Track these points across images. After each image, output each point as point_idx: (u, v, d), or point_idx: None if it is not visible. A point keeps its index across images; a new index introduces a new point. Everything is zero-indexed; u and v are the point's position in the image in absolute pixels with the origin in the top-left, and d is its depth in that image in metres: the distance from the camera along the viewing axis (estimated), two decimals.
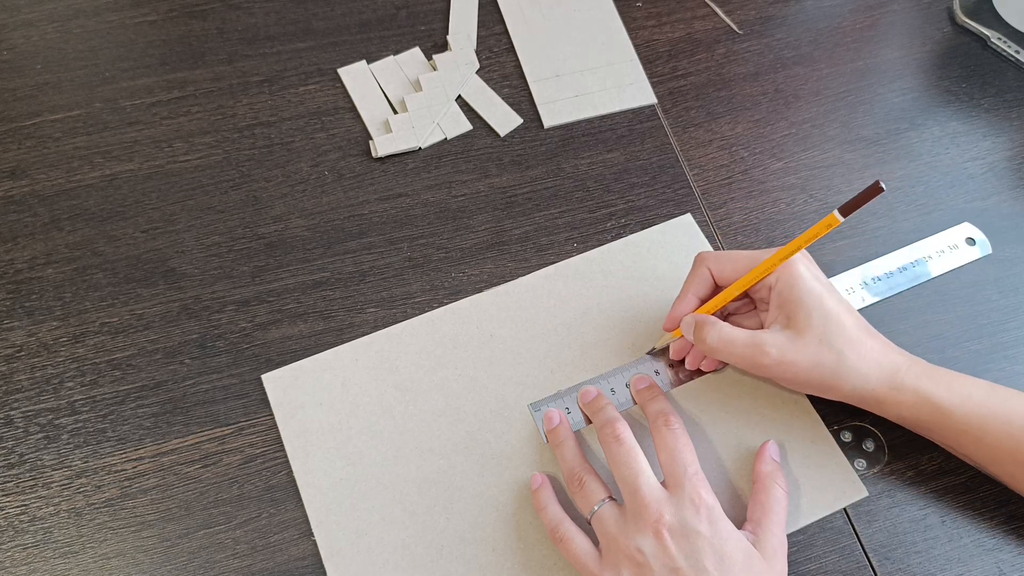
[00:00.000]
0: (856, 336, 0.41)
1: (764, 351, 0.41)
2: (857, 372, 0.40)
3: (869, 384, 0.41)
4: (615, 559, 0.38)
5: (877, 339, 0.42)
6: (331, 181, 0.54)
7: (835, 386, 0.41)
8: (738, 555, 0.37)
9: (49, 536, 0.42)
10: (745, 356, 0.41)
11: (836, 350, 0.40)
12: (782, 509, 0.41)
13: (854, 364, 0.40)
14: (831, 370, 0.40)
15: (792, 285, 0.41)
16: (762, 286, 0.43)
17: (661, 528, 0.37)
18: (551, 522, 0.41)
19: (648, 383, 0.45)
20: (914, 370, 0.41)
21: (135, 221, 0.52)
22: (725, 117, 0.57)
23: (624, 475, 0.40)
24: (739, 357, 0.41)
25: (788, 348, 0.40)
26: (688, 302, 0.44)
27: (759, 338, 0.41)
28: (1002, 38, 0.60)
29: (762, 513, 0.40)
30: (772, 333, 0.41)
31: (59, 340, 0.48)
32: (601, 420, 0.43)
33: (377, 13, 0.61)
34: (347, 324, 0.48)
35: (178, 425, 0.45)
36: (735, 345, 0.41)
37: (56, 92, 0.56)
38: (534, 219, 0.53)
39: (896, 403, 0.41)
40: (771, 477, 0.42)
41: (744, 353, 0.41)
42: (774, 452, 0.43)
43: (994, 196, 0.54)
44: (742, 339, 0.41)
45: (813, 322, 0.40)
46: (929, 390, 0.41)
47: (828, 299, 0.41)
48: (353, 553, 0.42)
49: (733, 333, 0.41)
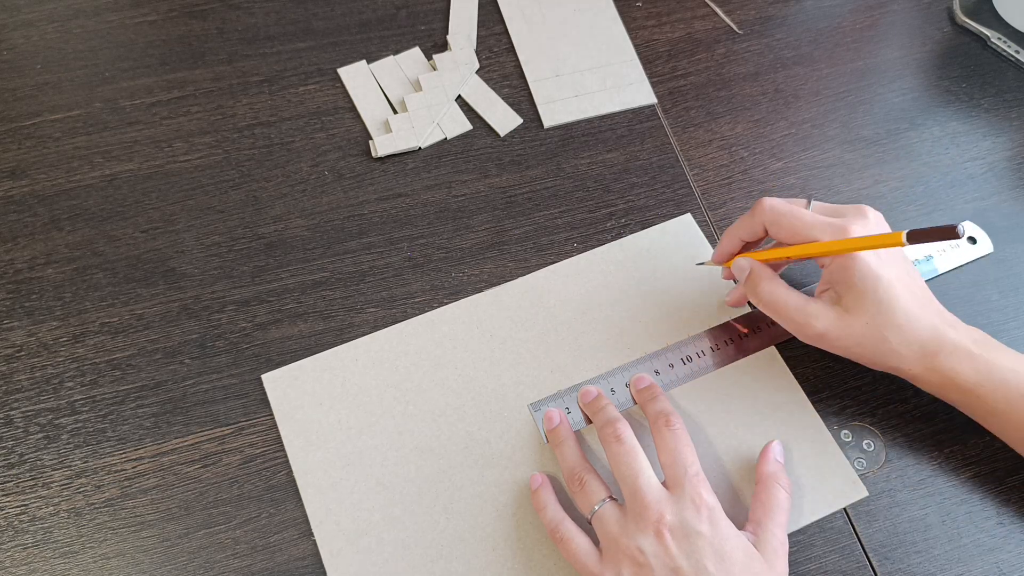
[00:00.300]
0: (904, 321, 0.40)
1: (811, 323, 0.41)
2: (896, 354, 0.41)
3: (905, 363, 0.41)
4: (616, 559, 0.38)
5: (929, 315, 0.41)
6: (331, 181, 0.54)
7: (873, 361, 0.42)
8: (739, 555, 0.37)
9: (49, 536, 0.42)
10: (792, 320, 0.42)
11: (881, 335, 0.40)
12: (783, 510, 0.41)
13: (895, 347, 0.40)
14: (871, 349, 0.41)
15: (846, 267, 0.41)
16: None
17: (662, 528, 0.37)
18: (551, 522, 0.41)
19: (648, 383, 0.45)
20: (957, 354, 0.41)
21: (135, 221, 0.52)
22: (725, 117, 0.57)
23: (625, 475, 0.40)
24: (786, 319, 0.42)
25: (834, 324, 0.41)
26: (733, 241, 0.45)
27: (809, 308, 0.41)
28: (1002, 38, 0.60)
29: (763, 513, 0.40)
30: (822, 306, 0.41)
31: (59, 340, 0.48)
32: (602, 420, 0.43)
33: (377, 13, 0.61)
34: (347, 324, 0.48)
35: (178, 425, 0.45)
36: (784, 307, 0.42)
37: (56, 92, 0.56)
38: (534, 219, 0.53)
39: (927, 383, 0.42)
40: (773, 478, 0.42)
41: (792, 317, 0.42)
42: (778, 453, 0.43)
43: (994, 196, 0.54)
44: (793, 303, 0.42)
45: (865, 306, 0.40)
46: (961, 376, 0.41)
47: (882, 282, 0.40)
48: (353, 553, 0.42)
49: (786, 295, 0.42)
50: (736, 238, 0.45)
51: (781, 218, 0.42)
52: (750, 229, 0.44)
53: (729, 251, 0.46)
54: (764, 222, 0.43)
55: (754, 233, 0.44)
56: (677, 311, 0.49)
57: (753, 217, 0.44)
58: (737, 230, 0.45)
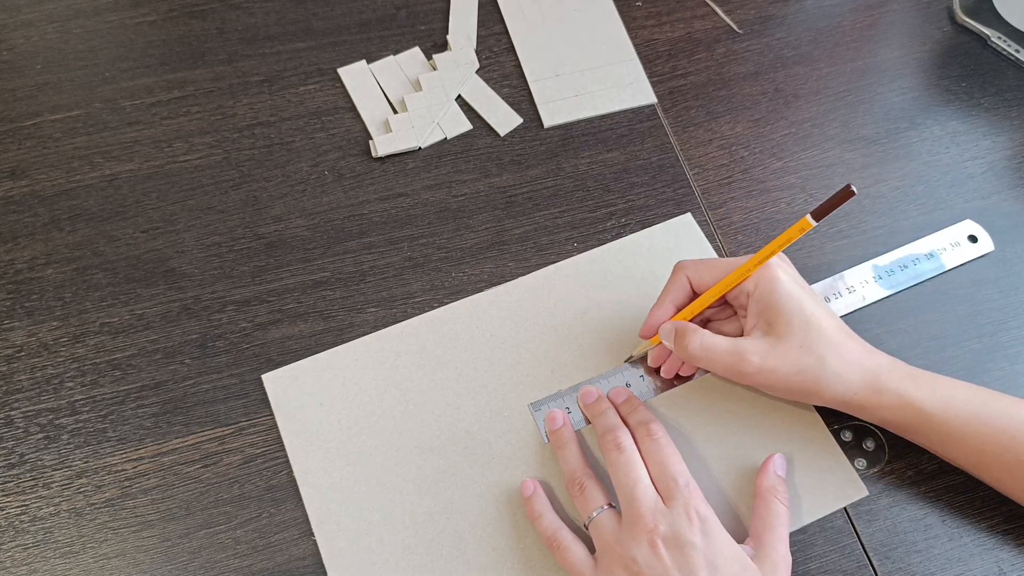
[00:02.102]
0: (837, 340, 0.40)
1: (746, 359, 0.40)
2: (839, 377, 0.40)
3: (851, 389, 0.40)
4: (610, 567, 0.38)
5: (858, 342, 0.42)
6: (331, 181, 0.54)
7: (817, 391, 0.41)
8: (734, 567, 0.37)
9: (50, 536, 0.42)
10: (727, 364, 0.41)
11: (817, 355, 0.40)
12: (783, 524, 0.40)
13: (836, 369, 0.40)
14: (813, 375, 0.40)
15: (771, 290, 0.41)
16: (740, 292, 0.42)
17: (655, 538, 0.37)
18: (547, 530, 0.41)
19: (626, 395, 0.45)
20: (896, 373, 0.41)
21: (135, 221, 0.52)
22: (725, 116, 0.57)
23: (622, 483, 0.40)
24: (721, 365, 0.41)
25: (769, 355, 0.40)
26: (665, 309, 0.44)
27: (741, 346, 0.41)
28: (1002, 37, 0.60)
29: (763, 528, 0.40)
30: (753, 340, 0.41)
31: (59, 340, 0.48)
32: (602, 426, 0.43)
33: (377, 13, 0.60)
34: (347, 324, 0.49)
35: (178, 425, 0.45)
36: (717, 352, 0.41)
37: (56, 92, 0.56)
38: (534, 219, 0.53)
39: (879, 406, 0.41)
40: (772, 492, 0.41)
41: (726, 361, 0.41)
42: (779, 467, 0.43)
43: (994, 195, 0.54)
44: (724, 346, 0.41)
45: (793, 328, 0.40)
46: (911, 393, 0.40)
47: (807, 303, 0.41)
48: (353, 553, 0.42)
49: (715, 341, 0.41)
50: (667, 304, 0.44)
51: (700, 263, 0.44)
52: (677, 289, 0.44)
53: (658, 322, 0.44)
54: (687, 274, 0.44)
55: (683, 290, 0.44)
56: None
57: (677, 276, 0.44)
58: (664, 297, 0.44)
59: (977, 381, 0.45)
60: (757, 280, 0.41)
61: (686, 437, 0.45)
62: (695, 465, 0.44)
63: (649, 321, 0.45)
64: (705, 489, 0.41)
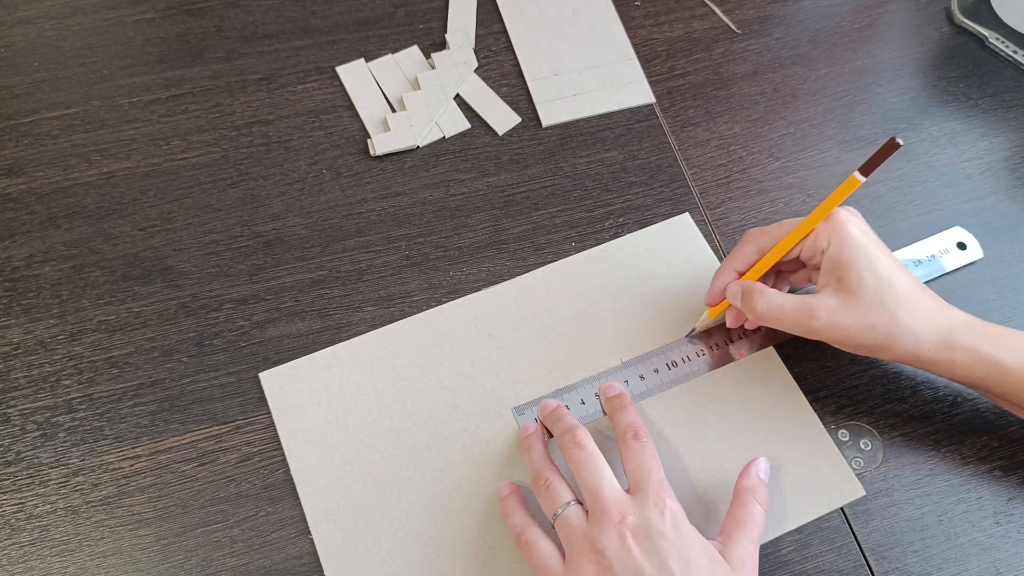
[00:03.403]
0: (910, 297, 0.40)
1: (814, 315, 0.40)
2: (911, 333, 0.40)
3: (924, 345, 0.40)
4: (578, 562, 0.37)
5: (931, 298, 0.41)
6: (329, 179, 0.54)
7: (888, 347, 0.40)
8: (703, 560, 0.37)
9: (46, 534, 0.42)
10: (795, 321, 0.41)
11: (889, 312, 0.40)
12: (756, 525, 0.40)
13: (908, 326, 0.40)
14: (884, 332, 0.40)
15: (843, 247, 0.41)
16: (815, 251, 0.42)
17: (624, 529, 0.37)
18: (516, 527, 0.41)
19: (617, 391, 0.45)
20: (970, 328, 0.41)
21: (133, 219, 0.52)
22: (723, 116, 0.57)
23: (585, 479, 0.39)
24: (789, 323, 0.41)
25: (839, 311, 0.40)
26: (727, 275, 0.45)
27: (809, 303, 0.41)
28: (1000, 38, 0.60)
29: (734, 526, 0.39)
30: (823, 297, 0.41)
31: (56, 338, 0.48)
32: (561, 428, 0.42)
33: (375, 11, 0.60)
34: (344, 323, 0.48)
35: (175, 423, 0.45)
36: (784, 311, 0.41)
37: (54, 89, 0.56)
38: (532, 218, 0.53)
39: (952, 363, 0.41)
40: (750, 492, 0.41)
41: (794, 319, 0.41)
42: (761, 470, 0.42)
43: (991, 196, 0.54)
44: (791, 304, 0.41)
45: (865, 283, 0.40)
46: (986, 348, 0.40)
47: (880, 259, 0.40)
48: (350, 551, 0.42)
49: (782, 299, 0.41)
50: (729, 271, 0.45)
51: (766, 229, 0.44)
52: (742, 257, 0.44)
53: (722, 287, 0.45)
54: (753, 240, 0.44)
55: (746, 260, 0.44)
56: (676, 311, 0.49)
57: (744, 244, 0.45)
58: (728, 264, 0.45)
59: None
60: (829, 237, 0.41)
61: (682, 438, 0.45)
62: (694, 465, 0.44)
63: (713, 287, 0.45)
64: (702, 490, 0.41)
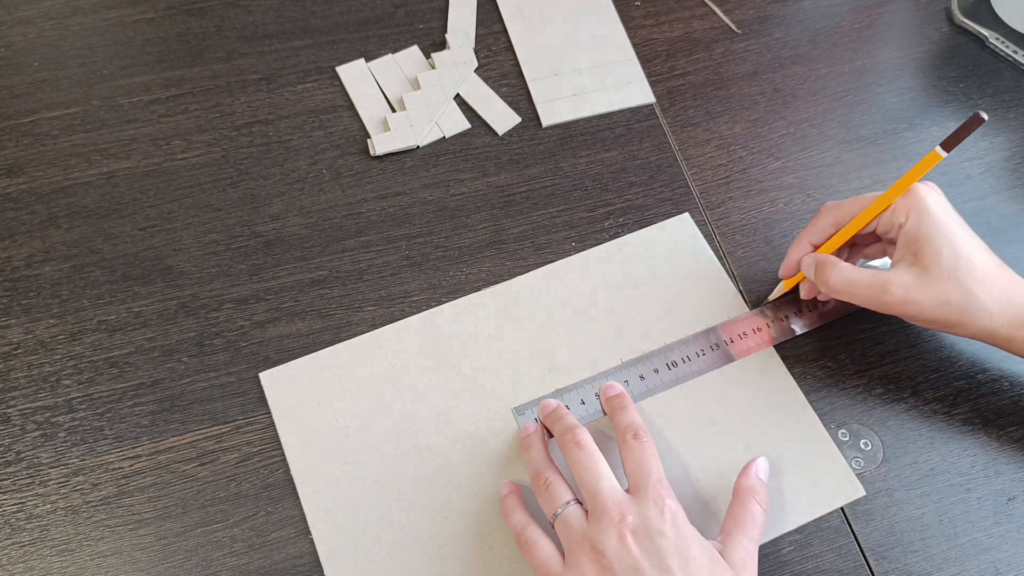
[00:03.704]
0: (987, 274, 0.40)
1: (888, 290, 0.41)
2: (986, 311, 0.40)
3: (998, 322, 0.40)
4: (578, 561, 0.37)
5: (1010, 275, 0.41)
6: (329, 179, 0.54)
7: (962, 323, 0.41)
8: (703, 559, 0.36)
9: (46, 534, 0.42)
10: (868, 296, 0.41)
11: (965, 288, 0.40)
12: (756, 525, 0.40)
13: (984, 303, 0.40)
14: (959, 308, 0.40)
15: (921, 222, 0.40)
16: (892, 226, 0.42)
17: (624, 529, 0.37)
18: (516, 526, 0.40)
19: (617, 391, 0.45)
20: None
21: (133, 219, 0.52)
22: (723, 116, 0.57)
23: (585, 479, 0.39)
24: (863, 298, 0.42)
25: (913, 286, 0.40)
26: (802, 247, 0.45)
27: (882, 277, 0.41)
28: (1000, 38, 0.60)
29: (734, 525, 0.39)
30: (897, 272, 0.41)
31: (56, 338, 0.48)
32: (560, 428, 0.42)
33: (375, 11, 0.60)
34: (345, 323, 0.48)
35: (175, 423, 0.45)
36: (858, 285, 0.41)
37: (54, 89, 0.56)
38: (532, 218, 0.53)
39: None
40: (750, 492, 0.41)
41: (867, 294, 0.41)
42: (761, 470, 0.42)
43: (991, 196, 0.54)
44: (865, 279, 0.41)
45: (943, 259, 0.40)
46: None
47: (959, 235, 0.40)
48: (350, 551, 0.42)
49: (856, 273, 0.42)
50: (804, 243, 0.45)
51: (843, 203, 0.44)
52: (818, 231, 0.45)
53: (796, 260, 0.46)
54: (829, 214, 0.44)
55: (821, 233, 0.45)
56: (676, 311, 0.49)
57: (820, 217, 0.45)
58: (804, 236, 0.45)
59: (977, 380, 0.45)
60: (908, 212, 0.41)
61: (682, 438, 0.45)
62: (694, 465, 0.44)
63: (788, 259, 0.46)
64: (702, 490, 0.41)
